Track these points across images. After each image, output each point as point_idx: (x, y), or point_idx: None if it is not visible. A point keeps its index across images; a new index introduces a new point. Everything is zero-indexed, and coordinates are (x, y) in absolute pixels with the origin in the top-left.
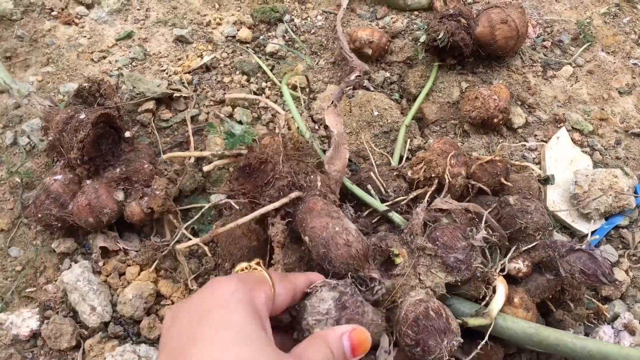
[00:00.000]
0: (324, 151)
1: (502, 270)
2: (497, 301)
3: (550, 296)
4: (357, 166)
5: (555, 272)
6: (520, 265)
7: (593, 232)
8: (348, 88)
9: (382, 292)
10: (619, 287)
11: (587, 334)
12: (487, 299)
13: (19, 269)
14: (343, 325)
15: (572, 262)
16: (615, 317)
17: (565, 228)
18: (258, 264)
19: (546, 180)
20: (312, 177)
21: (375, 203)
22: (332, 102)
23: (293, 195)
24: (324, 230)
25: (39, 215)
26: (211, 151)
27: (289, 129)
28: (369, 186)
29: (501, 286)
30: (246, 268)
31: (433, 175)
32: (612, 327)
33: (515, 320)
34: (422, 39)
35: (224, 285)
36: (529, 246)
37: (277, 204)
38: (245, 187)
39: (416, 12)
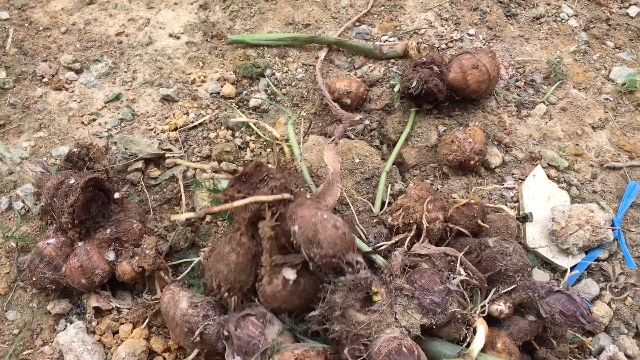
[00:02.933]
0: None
1: (484, 312)
2: (478, 342)
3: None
4: (341, 213)
5: (536, 312)
6: (502, 307)
7: (573, 267)
8: (351, 127)
9: (366, 276)
10: (598, 327)
11: None
12: (467, 339)
13: (16, 332)
14: None
15: (552, 304)
16: (601, 350)
17: (546, 264)
18: None
19: (525, 219)
20: (302, 189)
21: (359, 244)
22: (333, 140)
23: (286, 195)
24: (313, 216)
25: (34, 278)
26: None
27: (284, 153)
28: None
29: (481, 327)
30: None
31: (411, 221)
32: None
33: None
34: (397, 88)
35: None
36: (509, 288)
37: (270, 197)
38: (241, 190)
39: (392, 60)
